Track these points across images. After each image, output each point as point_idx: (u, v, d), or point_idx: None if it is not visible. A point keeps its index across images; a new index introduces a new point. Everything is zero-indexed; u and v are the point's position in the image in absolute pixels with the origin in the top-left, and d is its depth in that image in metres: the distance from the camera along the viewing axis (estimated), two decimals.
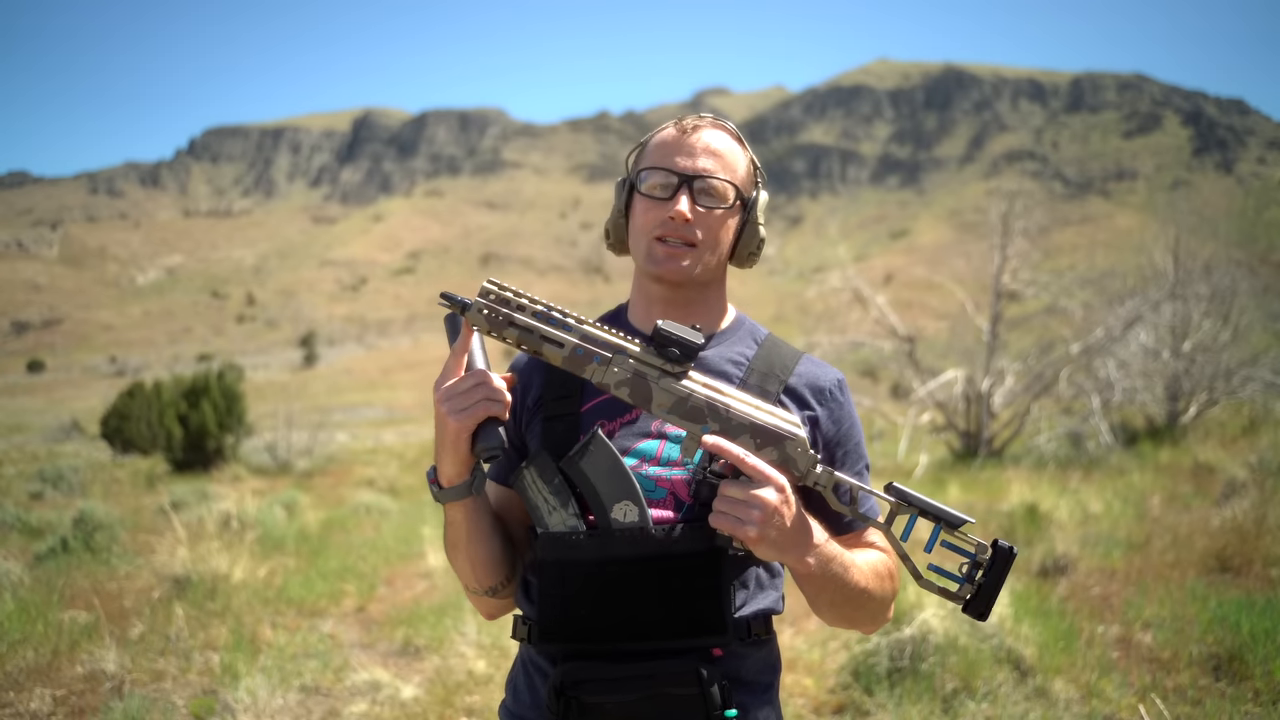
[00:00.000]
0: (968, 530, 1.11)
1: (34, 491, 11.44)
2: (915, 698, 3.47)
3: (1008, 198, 13.86)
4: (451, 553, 1.21)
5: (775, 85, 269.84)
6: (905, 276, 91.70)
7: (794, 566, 1.11)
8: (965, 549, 1.11)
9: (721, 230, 1.23)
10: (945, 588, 1.12)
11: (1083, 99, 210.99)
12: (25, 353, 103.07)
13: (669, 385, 1.11)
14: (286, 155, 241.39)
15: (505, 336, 1.11)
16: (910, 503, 1.11)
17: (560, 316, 1.11)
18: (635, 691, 1.09)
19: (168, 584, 5.41)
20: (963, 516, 1.09)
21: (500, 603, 1.27)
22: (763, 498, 1.05)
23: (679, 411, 1.11)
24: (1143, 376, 13.54)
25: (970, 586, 1.11)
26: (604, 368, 1.10)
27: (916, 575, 1.12)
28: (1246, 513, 6.19)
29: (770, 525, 1.05)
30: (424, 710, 3.74)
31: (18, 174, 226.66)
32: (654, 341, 1.11)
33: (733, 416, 1.10)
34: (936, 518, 1.10)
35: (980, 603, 1.10)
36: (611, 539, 1.13)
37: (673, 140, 1.24)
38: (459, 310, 1.12)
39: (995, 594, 1.10)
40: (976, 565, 1.10)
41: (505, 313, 1.10)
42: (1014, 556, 1.10)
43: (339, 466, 15.10)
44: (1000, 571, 1.09)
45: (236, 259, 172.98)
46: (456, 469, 1.13)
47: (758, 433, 1.11)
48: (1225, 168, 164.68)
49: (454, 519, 1.17)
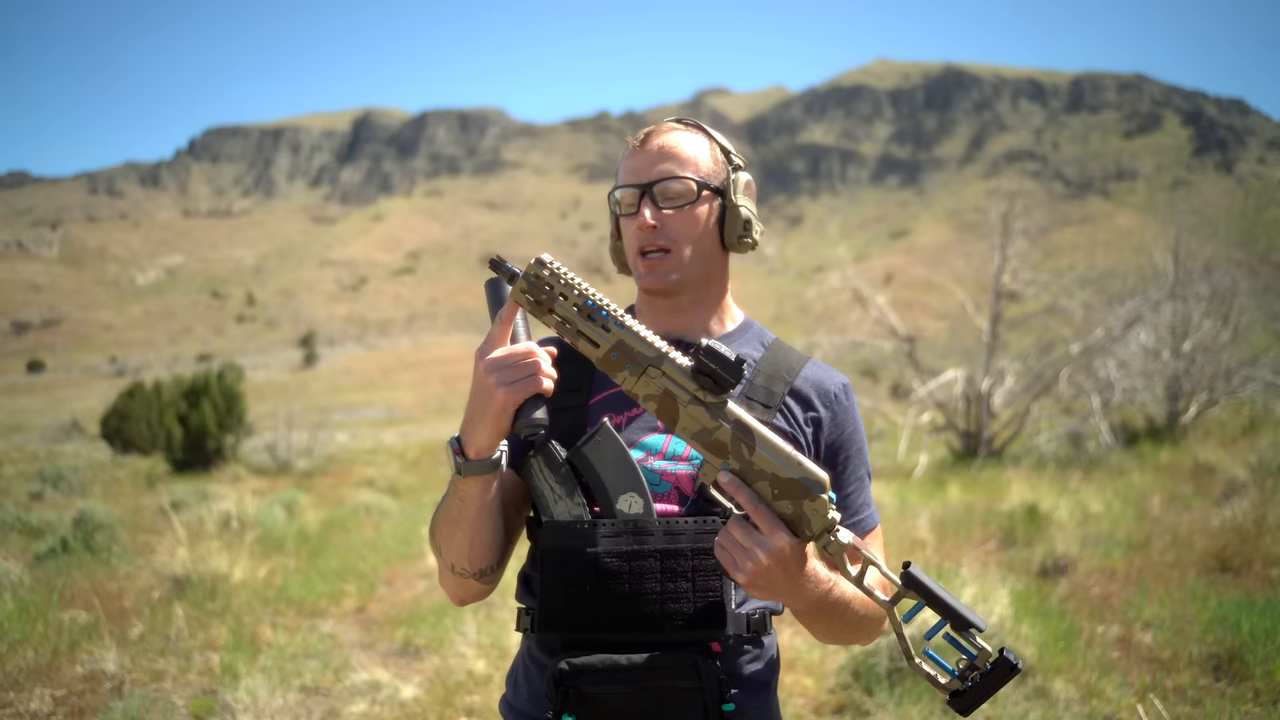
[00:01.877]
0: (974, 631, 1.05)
1: (34, 491, 11.44)
2: (915, 698, 3.47)
3: (1008, 198, 13.86)
4: (450, 528, 1.16)
5: (775, 85, 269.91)
6: (905, 276, 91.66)
7: (788, 605, 1.11)
8: (968, 650, 1.05)
9: (694, 227, 1.23)
10: (935, 676, 1.07)
11: (1083, 99, 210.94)
12: (25, 353, 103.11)
13: (697, 413, 1.06)
14: (286, 155, 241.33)
15: (545, 321, 1.07)
16: (921, 593, 1.05)
17: (604, 316, 1.06)
18: (634, 683, 1.09)
19: (168, 584, 5.42)
20: (973, 619, 1.03)
21: (482, 587, 1.22)
22: (759, 553, 1.02)
23: (702, 440, 1.06)
24: (1143, 376, 13.55)
25: (960, 683, 1.05)
26: (635, 377, 1.06)
27: (909, 658, 1.07)
28: (1246, 513, 6.19)
29: (761, 577, 1.03)
30: (424, 710, 3.74)
31: (18, 174, 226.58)
32: (696, 358, 1.06)
33: (755, 460, 1.05)
34: (945, 614, 1.04)
35: (966, 700, 1.05)
36: (615, 530, 1.13)
37: (631, 156, 1.27)
38: (507, 279, 1.07)
39: (985, 698, 1.05)
40: (974, 668, 1.04)
41: (546, 298, 1.06)
42: (1017, 672, 1.03)
43: (339, 466, 15.09)
44: (997, 681, 1.03)
45: (236, 259, 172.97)
46: (490, 441, 1.08)
47: (777, 484, 1.05)
48: (1225, 168, 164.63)
49: (467, 494, 1.12)
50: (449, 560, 1.19)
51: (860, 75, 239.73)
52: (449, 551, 1.18)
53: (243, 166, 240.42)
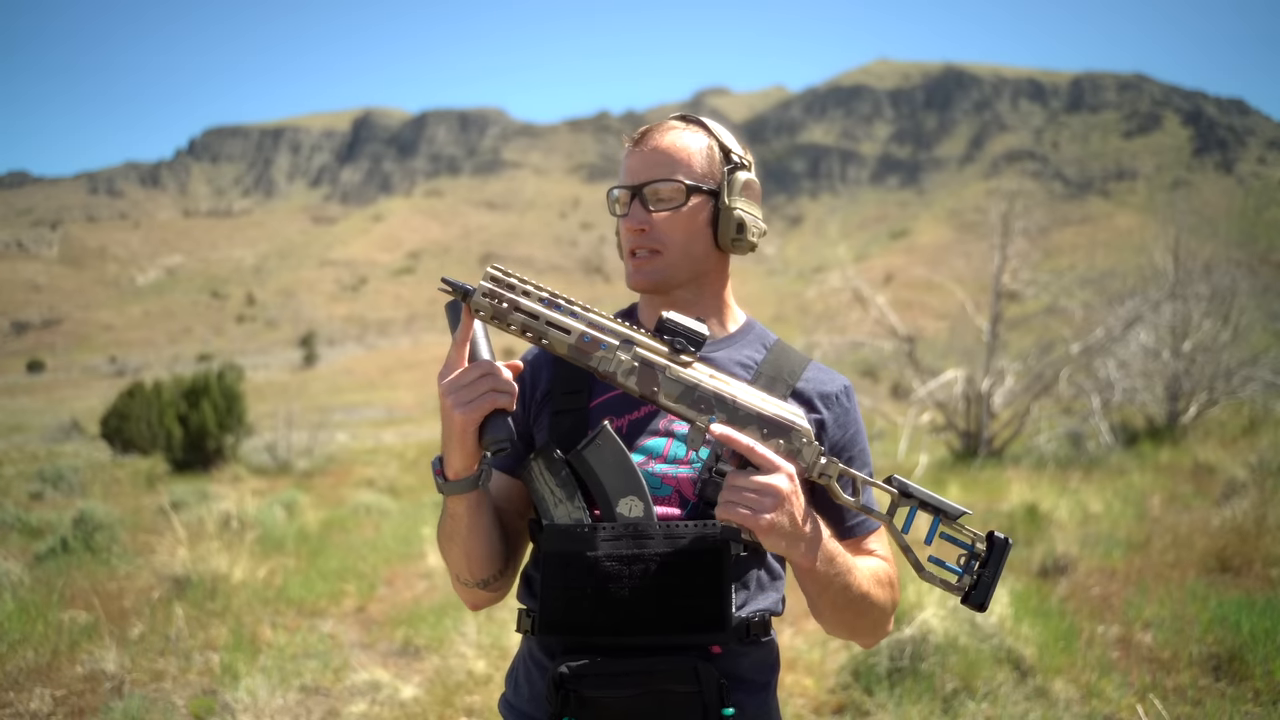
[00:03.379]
0: (965, 522, 1.13)
1: (34, 491, 11.43)
2: (915, 698, 3.47)
3: (1008, 198, 13.85)
4: (446, 544, 1.20)
5: (775, 85, 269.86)
6: (905, 276, 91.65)
7: (799, 561, 1.10)
8: (962, 541, 1.13)
9: (684, 229, 1.24)
10: (945, 579, 1.14)
11: (1083, 99, 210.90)
12: (25, 353, 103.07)
13: (676, 374, 1.10)
14: (286, 155, 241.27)
15: (510, 324, 1.08)
16: (911, 495, 1.12)
17: (566, 304, 1.10)
18: (634, 687, 1.09)
19: (168, 584, 5.41)
20: (960, 509, 1.11)
21: (490, 595, 1.25)
22: (775, 485, 1.04)
23: (686, 401, 1.09)
24: (1143, 376, 13.54)
25: (969, 578, 1.13)
26: (610, 356, 1.09)
27: (918, 567, 1.13)
28: (1246, 513, 6.19)
29: (782, 513, 1.04)
30: (424, 710, 3.73)
31: (18, 174, 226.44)
32: (660, 331, 1.11)
33: (740, 407, 1.10)
34: (935, 510, 1.12)
35: (979, 594, 1.12)
36: (615, 533, 1.13)
37: (627, 156, 1.28)
38: (460, 296, 1.08)
39: (993, 585, 1.12)
40: (974, 557, 1.13)
41: (510, 298, 1.07)
42: (1009, 547, 1.12)
43: (339, 466, 15.08)
44: (997, 562, 1.12)
45: (236, 259, 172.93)
46: (464, 462, 1.11)
47: (765, 423, 1.10)
48: (1225, 168, 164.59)
49: (455, 511, 1.15)
50: (453, 572, 1.23)
51: (860, 75, 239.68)
52: (451, 564, 1.22)
53: (243, 166, 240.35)
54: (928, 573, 1.13)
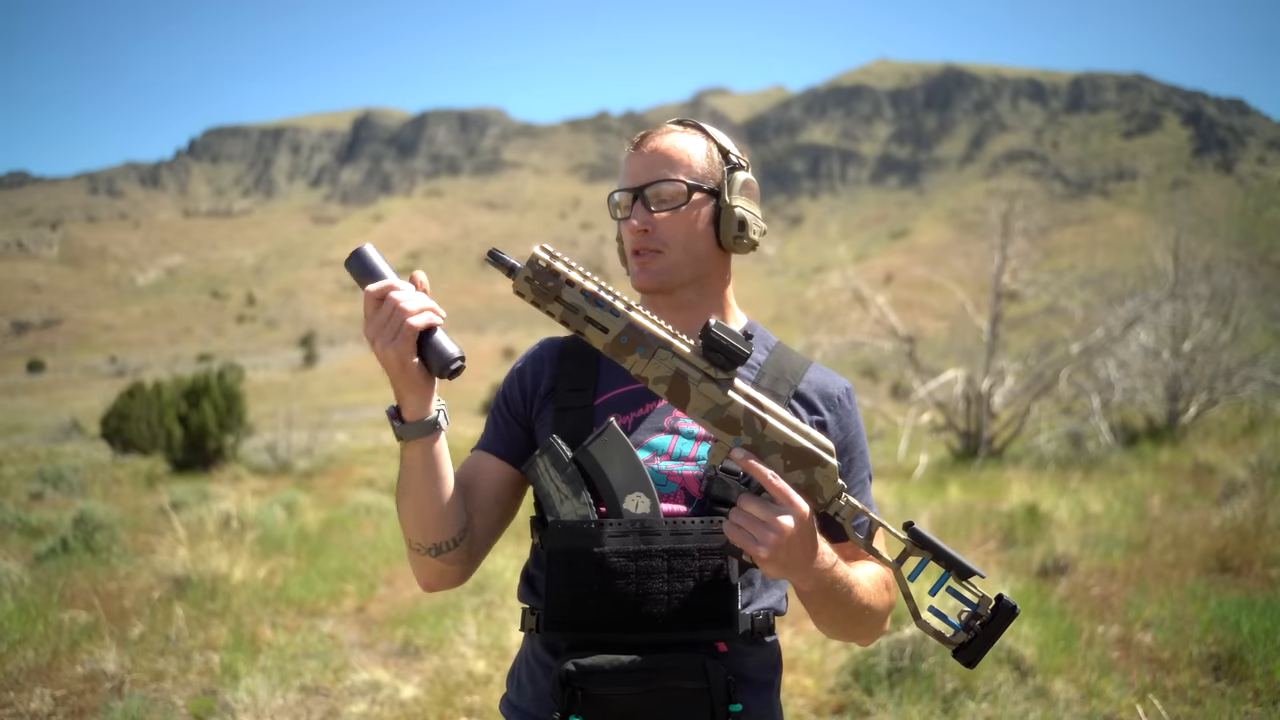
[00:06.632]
0: (975, 581, 1.11)
1: (34, 491, 11.42)
2: (915, 698, 3.47)
3: (1008, 198, 13.87)
4: (401, 501, 1.17)
5: (775, 85, 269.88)
6: (905, 276, 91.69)
7: (799, 586, 1.10)
8: (969, 599, 1.10)
9: (685, 229, 1.24)
10: (940, 631, 1.12)
11: (1083, 99, 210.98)
12: (25, 353, 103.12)
13: (709, 390, 1.07)
14: (286, 155, 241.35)
15: (550, 310, 1.07)
16: (926, 546, 1.09)
17: (609, 299, 1.07)
18: (641, 684, 1.09)
19: (168, 584, 5.41)
20: (975, 569, 1.08)
21: (442, 568, 1.21)
22: (781, 523, 1.02)
23: (713, 418, 1.07)
24: (1143, 376, 13.55)
25: (965, 635, 1.10)
26: (645, 360, 1.07)
27: (915, 616, 1.11)
28: (1246, 513, 6.19)
29: (782, 549, 1.03)
30: (424, 710, 3.73)
31: (18, 174, 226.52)
32: (702, 341, 1.08)
33: (767, 434, 1.07)
34: (949, 565, 1.09)
35: (971, 651, 1.10)
36: (622, 529, 1.13)
37: (628, 160, 1.28)
38: (506, 273, 1.06)
39: (988, 646, 1.10)
40: (976, 616, 1.10)
41: (553, 285, 1.06)
42: (1016, 615, 1.10)
43: (339, 466, 15.08)
44: (999, 627, 1.09)
45: (236, 259, 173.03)
46: (416, 399, 1.09)
47: (789, 454, 1.08)
48: (1225, 168, 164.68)
49: (410, 461, 1.13)
50: (406, 536, 1.20)
51: (860, 75, 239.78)
52: (405, 527, 1.19)
53: (243, 166, 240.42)
54: (923, 622, 1.12)
